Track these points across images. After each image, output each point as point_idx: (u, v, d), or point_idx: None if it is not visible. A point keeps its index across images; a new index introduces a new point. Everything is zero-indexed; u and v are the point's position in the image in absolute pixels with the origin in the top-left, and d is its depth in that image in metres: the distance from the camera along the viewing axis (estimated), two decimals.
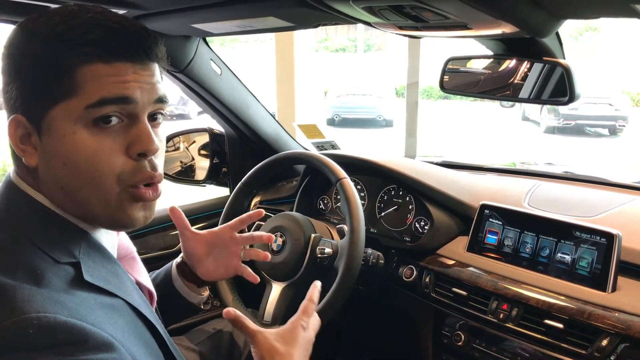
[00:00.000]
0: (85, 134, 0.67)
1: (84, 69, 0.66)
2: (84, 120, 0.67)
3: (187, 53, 1.58)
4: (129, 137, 0.70)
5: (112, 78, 0.67)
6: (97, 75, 0.67)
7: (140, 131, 0.70)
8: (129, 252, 0.85)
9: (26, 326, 0.56)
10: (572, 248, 1.22)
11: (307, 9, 1.05)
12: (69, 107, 0.67)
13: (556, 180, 1.71)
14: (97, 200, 0.70)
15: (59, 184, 0.70)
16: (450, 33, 1.02)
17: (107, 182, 0.69)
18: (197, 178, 1.93)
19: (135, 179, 0.71)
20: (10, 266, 0.62)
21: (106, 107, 0.67)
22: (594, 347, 1.08)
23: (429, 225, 1.51)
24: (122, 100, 0.68)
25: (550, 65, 1.07)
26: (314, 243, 1.37)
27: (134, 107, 0.70)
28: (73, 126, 0.67)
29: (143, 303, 0.77)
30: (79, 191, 0.70)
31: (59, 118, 0.67)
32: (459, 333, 1.34)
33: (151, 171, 0.73)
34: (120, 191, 0.71)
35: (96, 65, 0.67)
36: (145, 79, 0.71)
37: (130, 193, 0.72)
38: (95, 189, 0.69)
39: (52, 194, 0.71)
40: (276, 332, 0.97)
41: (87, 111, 0.67)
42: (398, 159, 1.70)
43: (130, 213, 0.73)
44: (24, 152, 0.70)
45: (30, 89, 0.68)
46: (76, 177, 0.69)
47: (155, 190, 0.75)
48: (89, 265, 0.69)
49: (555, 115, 11.75)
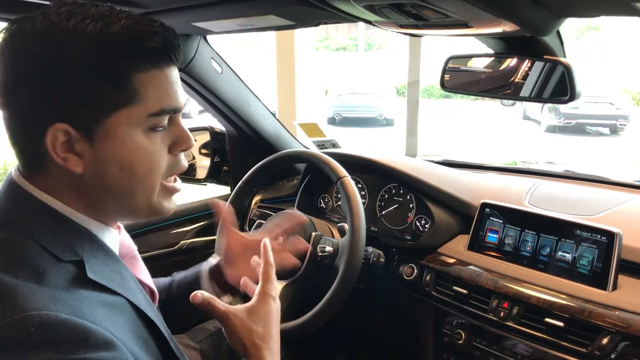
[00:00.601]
0: (143, 138, 0.72)
1: (141, 76, 0.69)
2: (142, 126, 0.71)
3: (188, 51, 1.58)
4: (171, 137, 0.76)
5: (165, 85, 0.72)
6: (153, 82, 0.71)
7: (182, 132, 0.77)
8: (130, 251, 0.85)
9: (27, 324, 0.57)
10: (572, 246, 1.22)
11: (308, 7, 1.05)
12: (131, 114, 0.70)
13: (557, 179, 1.71)
14: (142, 198, 0.75)
15: (107, 187, 0.72)
16: (451, 31, 1.02)
17: (156, 179, 0.75)
18: (198, 177, 1.93)
19: (174, 172, 0.78)
20: (13, 264, 0.63)
21: (165, 116, 0.73)
22: (594, 345, 1.08)
23: (429, 223, 1.51)
24: (177, 110, 0.75)
25: (551, 64, 1.07)
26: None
27: (176, 114, 0.76)
28: (132, 132, 0.70)
29: (146, 302, 0.77)
30: (129, 192, 0.73)
31: (119, 124, 0.69)
32: (459, 331, 1.34)
33: (185, 163, 0.80)
34: (160, 187, 0.76)
35: (152, 73, 0.70)
36: (179, 83, 0.76)
37: (166, 187, 0.78)
38: (145, 187, 0.74)
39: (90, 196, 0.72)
40: (248, 310, 0.87)
41: (148, 118, 0.71)
42: (399, 158, 1.70)
43: (167, 204, 0.79)
44: (65, 160, 0.69)
45: (78, 97, 0.67)
46: (131, 179, 0.72)
47: (180, 183, 0.82)
48: (93, 263, 0.69)
49: (556, 114, 11.74)
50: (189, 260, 1.78)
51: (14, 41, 0.67)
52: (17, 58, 0.66)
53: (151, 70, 0.70)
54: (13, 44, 0.67)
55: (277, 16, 1.20)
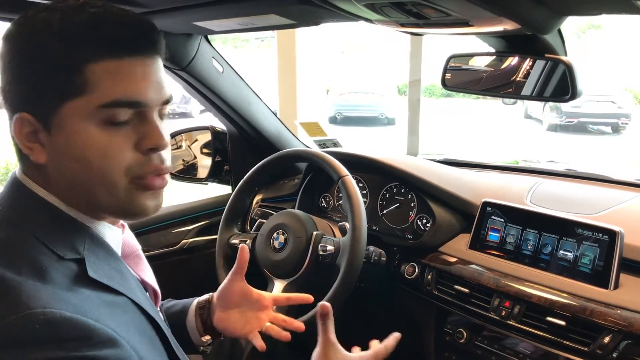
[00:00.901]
0: (97, 131, 0.68)
1: (95, 66, 0.66)
2: (95, 118, 0.67)
3: (189, 51, 1.58)
4: (139, 133, 0.71)
5: (123, 77, 0.68)
6: (108, 72, 0.67)
7: (150, 128, 0.71)
8: (134, 250, 0.84)
9: (32, 321, 0.57)
10: (574, 245, 1.22)
11: (309, 6, 1.05)
12: (81, 105, 0.67)
13: (558, 177, 1.71)
14: (105, 193, 0.71)
15: (69, 180, 0.70)
16: (451, 30, 1.02)
17: (116, 175, 0.70)
18: (199, 176, 1.93)
19: (143, 170, 0.72)
20: (16, 262, 0.63)
21: (118, 108, 0.68)
22: (596, 344, 1.08)
23: (431, 222, 1.51)
24: (134, 104, 0.69)
25: (553, 63, 1.07)
26: (315, 241, 1.37)
27: (144, 108, 0.71)
28: (85, 124, 0.67)
29: (146, 301, 0.77)
30: (89, 186, 0.70)
31: (71, 115, 0.67)
32: (461, 330, 1.34)
33: (159, 163, 0.73)
34: (128, 183, 0.71)
35: (107, 62, 0.67)
36: (154, 76, 0.71)
37: (139, 184, 0.72)
38: (104, 183, 0.70)
39: (61, 189, 0.71)
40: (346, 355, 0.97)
41: (100, 110, 0.67)
42: (400, 157, 1.70)
43: (141, 202, 0.74)
44: (31, 149, 0.70)
45: (37, 86, 0.67)
46: (87, 172, 0.69)
47: (163, 179, 0.75)
48: (93, 261, 0.69)
49: (557, 113, 11.73)
50: (190, 260, 1.79)
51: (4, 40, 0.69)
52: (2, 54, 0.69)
53: (106, 60, 0.67)
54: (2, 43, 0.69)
55: (278, 15, 1.20)
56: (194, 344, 1.10)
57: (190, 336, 1.10)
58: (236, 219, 1.57)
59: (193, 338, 1.10)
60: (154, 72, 0.72)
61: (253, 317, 1.09)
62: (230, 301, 1.09)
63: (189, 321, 1.09)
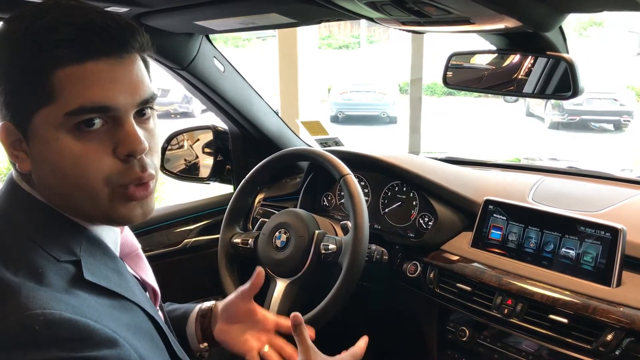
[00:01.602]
0: (69, 139, 0.65)
1: (59, 72, 0.64)
2: (65, 126, 0.65)
3: (190, 50, 1.58)
4: (114, 139, 0.68)
5: (88, 81, 0.64)
6: (72, 79, 0.64)
7: (125, 133, 0.68)
8: (133, 250, 0.84)
9: (32, 322, 0.57)
10: (576, 243, 1.22)
11: (310, 5, 1.06)
12: (49, 113, 0.65)
13: (560, 175, 1.70)
14: (88, 203, 0.69)
15: (51, 188, 0.70)
16: (453, 28, 1.02)
17: (95, 185, 0.68)
18: (201, 176, 1.93)
19: (123, 180, 0.69)
20: (13, 264, 0.63)
21: (86, 114, 0.65)
22: (598, 341, 1.08)
23: (433, 221, 1.50)
24: (101, 109, 0.66)
25: (554, 60, 1.07)
26: (317, 239, 1.37)
27: (115, 113, 0.67)
28: (55, 132, 0.65)
29: (145, 300, 0.77)
30: (70, 194, 0.69)
31: (41, 125, 0.65)
32: (463, 328, 1.34)
33: (140, 172, 0.70)
34: (110, 192, 0.69)
35: (70, 68, 0.64)
36: (124, 77, 0.67)
37: (120, 193, 0.70)
38: (85, 192, 0.68)
39: (47, 195, 0.71)
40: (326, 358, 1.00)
41: (67, 118, 0.64)
42: (402, 155, 1.70)
43: (125, 212, 0.72)
44: (17, 157, 0.69)
45: (13, 95, 0.66)
46: (65, 182, 0.68)
47: (146, 189, 0.72)
48: (90, 263, 0.69)
49: (559, 110, 11.71)
50: (192, 259, 1.79)
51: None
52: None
53: (69, 65, 0.64)
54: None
55: (279, 14, 1.20)
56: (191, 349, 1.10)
57: (189, 340, 1.09)
58: (238, 218, 1.57)
59: (191, 344, 1.09)
60: (125, 73, 0.68)
61: (253, 336, 1.08)
62: (234, 316, 1.08)
63: (188, 326, 1.09)
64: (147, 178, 0.71)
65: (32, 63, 0.64)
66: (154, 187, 0.75)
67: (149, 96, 0.71)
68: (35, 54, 0.64)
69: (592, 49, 17.58)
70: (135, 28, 0.69)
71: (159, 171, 0.76)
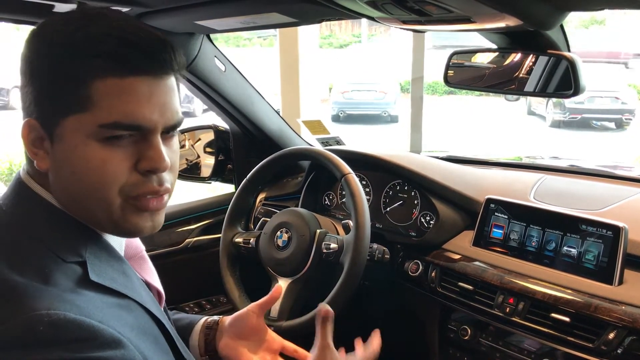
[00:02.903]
0: (96, 147, 0.67)
1: (98, 83, 0.65)
2: (95, 136, 0.66)
3: (191, 50, 1.58)
4: (138, 153, 0.69)
5: (127, 97, 0.66)
6: (110, 92, 0.65)
7: (151, 150, 0.69)
8: (138, 251, 0.84)
9: (37, 323, 0.57)
10: (578, 241, 1.22)
11: (311, 4, 1.05)
12: (82, 120, 0.66)
13: (562, 173, 1.70)
14: (100, 210, 0.70)
15: (66, 190, 0.70)
16: (454, 27, 1.02)
17: (110, 193, 0.69)
18: (202, 175, 1.94)
19: (137, 191, 0.70)
20: (19, 264, 0.63)
21: (119, 130, 0.67)
22: (600, 340, 1.08)
23: (434, 220, 1.50)
24: (135, 128, 0.68)
25: (555, 58, 1.07)
26: (319, 238, 1.37)
27: (145, 130, 0.69)
28: (84, 139, 0.66)
29: (151, 302, 0.77)
30: (85, 199, 0.70)
31: (71, 129, 0.67)
32: (465, 327, 1.34)
33: (157, 186, 0.71)
34: (122, 202, 0.70)
35: (110, 80, 0.65)
36: (160, 97, 0.69)
37: (134, 205, 0.71)
38: (99, 199, 0.69)
39: (61, 197, 0.71)
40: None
41: (100, 129, 0.66)
42: (403, 154, 1.70)
43: (135, 222, 0.72)
44: (36, 155, 0.70)
45: (44, 95, 0.67)
46: (82, 186, 0.69)
47: (160, 201, 0.73)
48: (96, 264, 0.69)
49: (561, 109, 11.69)
50: (194, 259, 1.79)
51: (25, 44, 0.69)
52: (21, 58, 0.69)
53: (110, 78, 0.65)
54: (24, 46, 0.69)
55: (280, 13, 1.20)
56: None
57: (191, 351, 1.06)
58: (240, 217, 1.57)
59: (193, 354, 1.06)
60: (161, 94, 0.69)
61: (258, 354, 1.06)
62: (242, 331, 1.06)
63: (192, 338, 1.08)
64: (162, 192, 0.73)
65: (72, 69, 0.65)
66: (167, 202, 0.76)
67: (177, 121, 0.73)
68: (77, 60, 0.65)
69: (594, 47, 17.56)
70: (175, 49, 0.70)
71: (174, 187, 0.77)
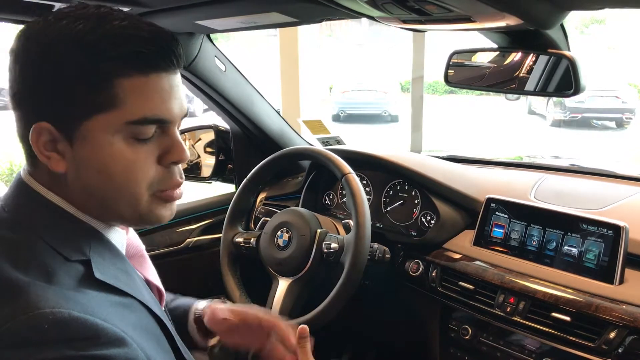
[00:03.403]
0: (123, 145, 0.69)
1: (123, 81, 0.66)
2: (123, 133, 0.68)
3: (191, 50, 1.58)
4: (161, 148, 0.73)
5: (151, 93, 0.69)
6: (136, 89, 0.67)
7: (173, 142, 0.73)
8: (138, 251, 0.85)
9: (41, 321, 0.57)
10: (578, 241, 1.22)
11: (311, 4, 1.05)
12: (108, 119, 0.67)
13: (562, 173, 1.70)
14: (127, 205, 0.72)
15: (89, 191, 0.71)
16: (454, 26, 1.02)
17: (139, 190, 0.72)
18: (203, 175, 1.94)
19: (165, 185, 0.74)
20: (23, 263, 0.63)
21: (147, 125, 0.69)
22: (601, 339, 1.08)
23: (435, 219, 1.50)
24: (161, 121, 0.71)
25: (556, 58, 1.07)
26: (319, 238, 1.37)
27: (168, 124, 0.72)
28: (111, 138, 0.68)
29: (152, 300, 0.77)
30: (111, 198, 0.71)
31: (97, 129, 0.67)
32: (466, 327, 1.34)
33: (179, 179, 0.76)
34: (149, 196, 0.73)
35: (135, 78, 0.67)
36: (177, 91, 0.72)
37: (160, 197, 0.74)
38: (127, 196, 0.71)
39: (77, 197, 0.71)
40: None
41: (128, 126, 0.68)
42: (403, 154, 1.69)
43: (159, 212, 0.76)
44: (48, 158, 0.69)
45: (61, 96, 0.67)
46: (109, 185, 0.70)
47: (180, 190, 0.78)
48: (99, 262, 0.70)
49: (561, 108, 11.70)
50: (194, 258, 1.79)
51: (18, 42, 0.68)
52: (17, 57, 0.68)
53: (134, 76, 0.67)
54: (17, 44, 0.68)
55: (280, 13, 1.20)
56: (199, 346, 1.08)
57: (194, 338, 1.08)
58: (240, 217, 1.57)
59: (197, 342, 1.08)
60: (178, 88, 0.73)
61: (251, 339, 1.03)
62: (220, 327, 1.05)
63: (190, 326, 1.08)
64: (182, 182, 0.78)
65: (94, 69, 0.65)
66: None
67: (187, 110, 0.77)
68: (100, 60, 0.65)
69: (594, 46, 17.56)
70: (181, 45, 0.73)
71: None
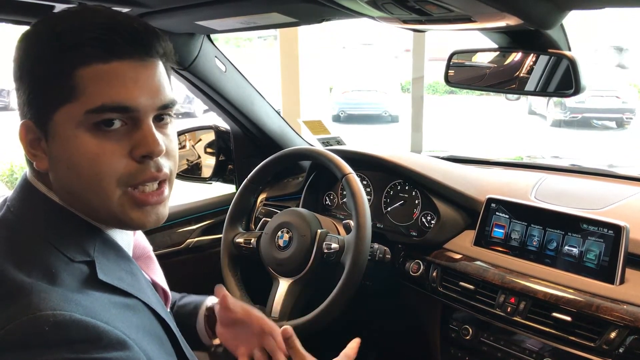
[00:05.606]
0: (87, 137, 0.66)
1: (83, 70, 0.65)
2: (85, 124, 0.66)
3: (191, 50, 1.58)
4: (132, 140, 0.68)
5: (112, 81, 0.66)
6: (96, 77, 0.65)
7: (143, 134, 0.69)
8: (145, 252, 0.85)
9: (42, 323, 0.57)
10: (579, 241, 1.22)
11: (311, 4, 1.06)
12: (70, 111, 0.66)
13: (563, 173, 1.70)
14: (99, 203, 0.70)
15: (66, 188, 0.70)
16: (454, 26, 1.02)
17: (108, 185, 0.68)
18: (203, 176, 1.94)
19: (136, 180, 0.70)
20: (26, 264, 0.63)
21: (107, 113, 0.66)
22: (602, 339, 1.08)
23: (435, 219, 1.50)
24: (122, 109, 0.67)
25: (556, 58, 1.07)
26: (320, 239, 1.37)
27: (136, 114, 0.68)
28: (75, 130, 0.66)
29: (157, 302, 0.77)
30: (83, 195, 0.69)
31: (62, 122, 0.66)
32: (466, 327, 1.34)
33: (155, 172, 0.71)
34: (122, 194, 0.69)
35: (95, 66, 0.65)
36: (147, 80, 0.69)
37: (132, 196, 0.70)
38: (97, 192, 0.68)
39: (63, 195, 0.71)
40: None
41: (88, 116, 0.66)
42: (404, 154, 1.69)
43: (137, 217, 0.72)
44: (35, 156, 0.70)
45: (35, 93, 0.68)
46: (79, 181, 0.68)
47: (160, 194, 0.73)
48: (104, 263, 0.69)
49: (561, 108, 11.68)
50: (195, 259, 1.79)
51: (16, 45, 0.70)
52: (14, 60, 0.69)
53: (94, 64, 0.65)
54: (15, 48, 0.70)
55: (280, 14, 1.20)
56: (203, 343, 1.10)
57: (199, 335, 1.09)
58: (241, 217, 1.57)
59: (202, 339, 1.09)
60: (147, 76, 0.69)
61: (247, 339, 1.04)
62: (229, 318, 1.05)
63: (198, 323, 1.09)
64: (161, 177, 0.72)
65: (56, 61, 0.65)
66: (169, 194, 0.75)
67: (168, 101, 0.72)
68: (60, 52, 0.65)
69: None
70: (160, 35, 0.71)
71: (174, 176, 0.76)
